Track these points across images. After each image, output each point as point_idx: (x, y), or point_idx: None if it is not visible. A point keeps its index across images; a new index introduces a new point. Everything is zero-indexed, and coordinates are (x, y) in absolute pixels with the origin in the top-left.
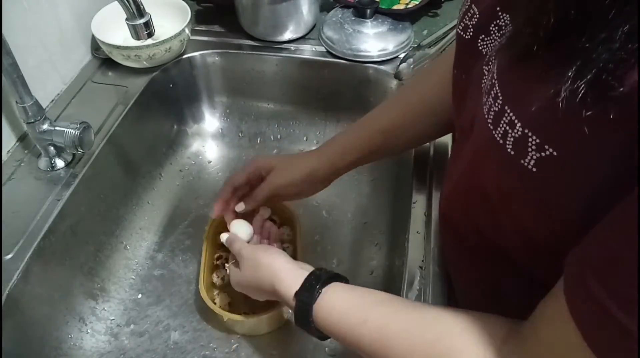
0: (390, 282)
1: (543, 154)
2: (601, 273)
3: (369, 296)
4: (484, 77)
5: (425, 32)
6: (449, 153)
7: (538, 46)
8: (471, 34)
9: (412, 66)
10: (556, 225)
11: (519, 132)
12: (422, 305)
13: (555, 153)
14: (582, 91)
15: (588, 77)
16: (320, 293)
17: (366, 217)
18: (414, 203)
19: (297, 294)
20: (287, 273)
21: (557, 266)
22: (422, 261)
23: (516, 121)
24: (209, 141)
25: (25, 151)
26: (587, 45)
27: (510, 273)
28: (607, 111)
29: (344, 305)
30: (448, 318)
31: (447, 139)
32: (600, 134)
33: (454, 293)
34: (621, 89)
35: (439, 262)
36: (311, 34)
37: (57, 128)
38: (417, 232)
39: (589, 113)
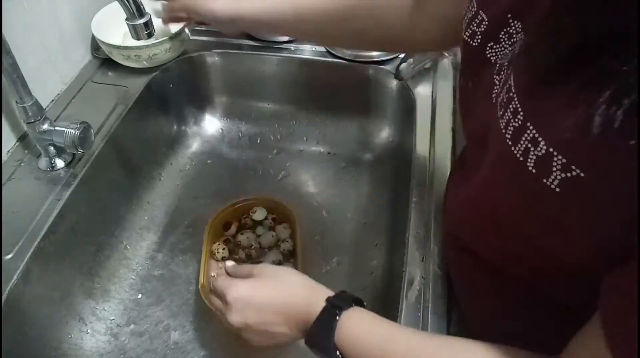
0: (390, 282)
1: (569, 174)
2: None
3: (392, 323)
4: (495, 87)
5: None
6: (449, 153)
7: (563, 63)
8: (479, 41)
9: (412, 66)
10: (575, 248)
11: (543, 151)
12: (446, 336)
13: (582, 174)
14: (620, 118)
15: (625, 102)
16: (352, 305)
17: (366, 217)
18: (414, 203)
19: (329, 298)
20: (319, 286)
21: (568, 287)
22: (422, 261)
23: (540, 139)
24: (209, 141)
25: (25, 151)
26: (624, 68)
27: (515, 288)
28: None
29: (373, 321)
30: (478, 349)
31: (447, 139)
32: (634, 160)
33: (453, 293)
34: None
35: (439, 262)
36: None
37: (57, 128)
38: (417, 232)
39: (632, 142)
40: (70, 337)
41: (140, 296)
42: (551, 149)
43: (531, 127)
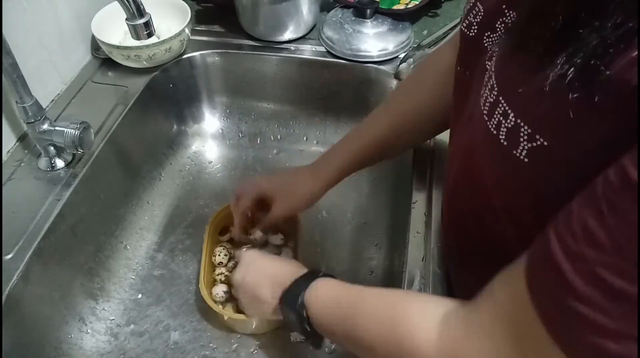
0: (390, 282)
1: (534, 144)
2: (559, 230)
3: (357, 286)
4: (487, 72)
5: (425, 32)
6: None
7: (534, 35)
8: (475, 31)
9: (412, 66)
10: (552, 216)
11: (512, 123)
12: (396, 290)
13: (545, 143)
14: (571, 75)
15: (577, 61)
16: (331, 277)
17: (366, 217)
18: (414, 203)
19: (313, 269)
20: (292, 265)
21: None
22: (422, 261)
23: (509, 111)
24: (209, 141)
25: (25, 151)
26: (580, 31)
27: None
28: (593, 95)
29: (333, 292)
30: (413, 298)
31: (447, 138)
32: (587, 121)
33: (454, 294)
34: (607, 72)
35: (439, 262)
36: (311, 34)
37: (57, 128)
38: (417, 232)
39: (575, 96)
40: (70, 337)
41: (140, 296)
42: (518, 121)
43: (502, 101)
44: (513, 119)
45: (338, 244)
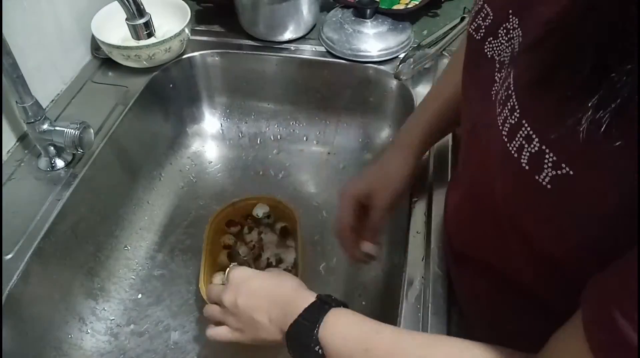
0: (390, 282)
1: (559, 172)
2: (627, 307)
3: (385, 329)
4: (495, 85)
5: (425, 32)
6: (449, 153)
7: (562, 68)
8: (482, 34)
9: (412, 66)
10: (567, 244)
11: (536, 148)
12: (435, 334)
13: (571, 172)
14: (607, 122)
15: (612, 106)
16: (340, 306)
17: None
18: (414, 203)
19: (319, 295)
20: (290, 280)
21: (564, 288)
22: (422, 261)
23: (534, 136)
24: (209, 141)
25: (25, 151)
26: (612, 75)
27: (513, 293)
28: (632, 141)
29: (359, 318)
30: (474, 348)
31: (447, 139)
32: (621, 161)
33: (454, 294)
34: None
35: (439, 262)
36: (311, 34)
37: (57, 128)
38: (417, 232)
39: (617, 144)
40: (70, 337)
41: (140, 296)
42: (544, 147)
43: (526, 125)
44: (537, 145)
45: (338, 244)
